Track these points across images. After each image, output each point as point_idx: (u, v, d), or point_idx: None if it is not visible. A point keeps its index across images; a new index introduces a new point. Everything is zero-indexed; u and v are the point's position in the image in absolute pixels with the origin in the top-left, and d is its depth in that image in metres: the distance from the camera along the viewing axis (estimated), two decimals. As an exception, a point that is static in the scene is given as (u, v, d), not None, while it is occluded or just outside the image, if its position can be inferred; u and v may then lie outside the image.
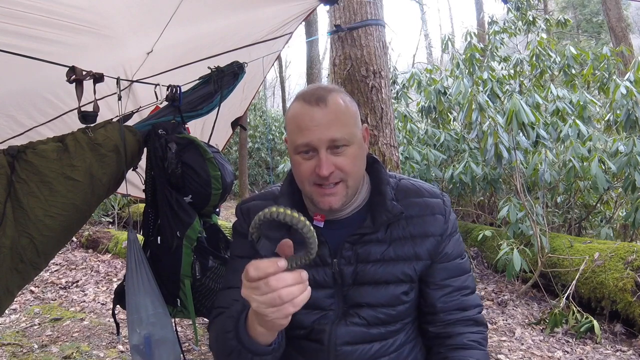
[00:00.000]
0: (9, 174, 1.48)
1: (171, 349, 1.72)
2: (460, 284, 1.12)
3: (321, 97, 1.02)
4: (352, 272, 1.07)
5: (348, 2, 3.21)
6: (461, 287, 1.12)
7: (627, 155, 4.07)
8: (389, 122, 3.26)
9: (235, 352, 0.91)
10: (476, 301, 1.15)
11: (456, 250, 1.13)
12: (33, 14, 1.38)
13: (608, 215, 5.13)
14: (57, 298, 4.37)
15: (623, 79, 4.69)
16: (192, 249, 1.75)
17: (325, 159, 0.99)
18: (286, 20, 2.26)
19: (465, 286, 1.13)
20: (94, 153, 1.60)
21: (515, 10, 6.64)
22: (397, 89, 6.51)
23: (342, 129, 1.01)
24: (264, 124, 13.62)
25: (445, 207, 1.12)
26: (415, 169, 5.31)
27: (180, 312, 1.84)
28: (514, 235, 4.18)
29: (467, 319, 1.12)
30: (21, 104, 2.05)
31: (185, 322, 3.55)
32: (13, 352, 3.15)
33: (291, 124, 1.05)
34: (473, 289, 1.16)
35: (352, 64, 3.19)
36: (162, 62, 2.17)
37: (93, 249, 5.85)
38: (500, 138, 4.12)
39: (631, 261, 3.40)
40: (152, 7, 1.67)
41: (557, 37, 10.64)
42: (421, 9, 22.25)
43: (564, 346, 3.18)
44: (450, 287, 1.11)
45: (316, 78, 10.00)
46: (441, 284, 1.11)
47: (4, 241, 1.47)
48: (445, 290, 1.11)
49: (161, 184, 1.73)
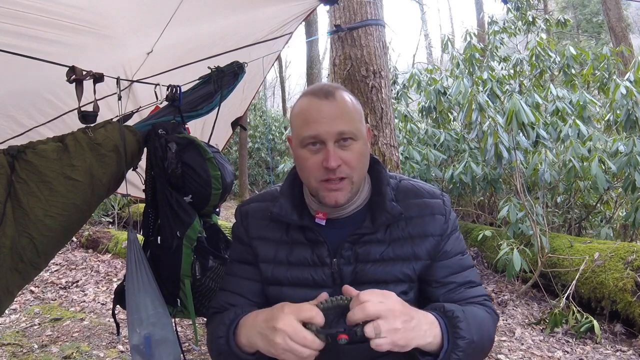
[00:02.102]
0: (9, 174, 1.48)
1: (171, 349, 1.72)
2: (463, 279, 1.11)
3: (329, 91, 1.03)
4: (351, 271, 1.07)
5: (348, 2, 3.21)
6: (464, 282, 1.11)
7: (627, 155, 4.07)
8: (389, 122, 3.26)
9: (224, 354, 1.03)
10: (481, 291, 1.13)
11: (456, 247, 1.13)
12: (33, 14, 1.38)
13: (608, 215, 5.13)
14: (57, 298, 4.38)
15: (623, 79, 4.69)
16: (192, 249, 1.75)
17: (332, 151, 0.99)
18: (286, 20, 2.26)
19: (469, 281, 1.12)
20: (94, 153, 1.60)
21: (515, 10, 6.65)
22: (397, 89, 6.52)
23: (350, 123, 1.01)
24: (264, 124, 13.62)
25: (445, 207, 1.12)
26: (415, 169, 5.31)
27: (181, 312, 1.84)
28: (514, 235, 4.19)
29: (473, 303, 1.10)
30: (21, 104, 2.05)
31: (185, 322, 3.56)
32: (13, 352, 3.15)
33: (298, 118, 1.05)
34: (478, 283, 1.14)
35: (352, 64, 3.19)
36: (162, 62, 2.17)
37: (93, 249, 5.85)
38: (500, 138, 4.12)
39: (631, 261, 3.40)
40: (152, 7, 1.67)
41: (557, 37, 10.65)
42: (421, 9, 22.27)
43: (564, 346, 3.18)
44: (454, 284, 1.10)
45: (316, 78, 10.00)
46: (443, 281, 1.10)
47: (4, 241, 1.46)
48: (449, 287, 1.10)
49: (161, 184, 1.73)
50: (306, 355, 0.88)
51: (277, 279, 1.11)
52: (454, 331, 0.95)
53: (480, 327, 1.01)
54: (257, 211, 1.17)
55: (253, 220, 1.17)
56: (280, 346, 0.88)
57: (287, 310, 0.91)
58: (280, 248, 1.11)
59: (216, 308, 1.17)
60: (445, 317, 0.98)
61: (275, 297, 1.11)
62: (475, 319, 1.01)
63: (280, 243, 1.12)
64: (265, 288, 1.15)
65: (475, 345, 0.97)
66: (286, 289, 1.10)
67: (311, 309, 0.90)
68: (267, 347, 0.93)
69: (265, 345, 0.93)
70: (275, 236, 1.13)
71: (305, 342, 0.87)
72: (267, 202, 1.16)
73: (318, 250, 1.08)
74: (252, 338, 0.97)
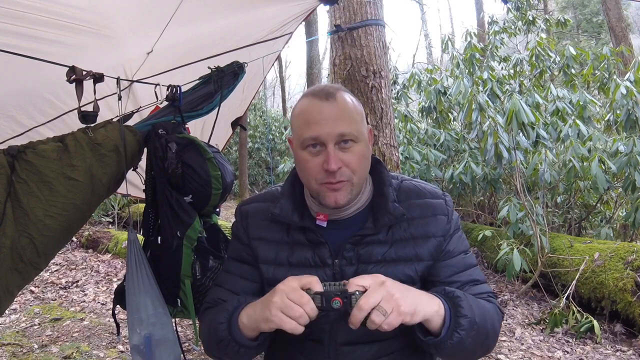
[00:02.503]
0: (9, 173, 1.48)
1: (171, 349, 1.71)
2: (467, 278, 1.11)
3: (330, 93, 1.02)
4: (353, 272, 1.07)
5: (348, 2, 3.21)
6: (468, 280, 1.11)
7: (627, 155, 4.07)
8: (389, 122, 3.26)
9: (224, 341, 1.01)
10: (486, 289, 1.13)
11: (459, 246, 1.12)
12: (33, 14, 1.38)
13: (608, 215, 5.13)
14: (57, 298, 4.38)
15: (623, 79, 4.69)
16: (192, 249, 1.75)
17: (333, 154, 0.99)
18: (286, 20, 2.26)
19: (473, 279, 1.12)
20: (94, 153, 1.60)
21: (515, 10, 6.65)
22: (397, 89, 6.52)
23: (351, 124, 1.01)
24: (264, 124, 13.62)
25: (447, 208, 1.11)
26: (415, 169, 5.31)
27: (181, 312, 1.84)
28: (514, 235, 4.19)
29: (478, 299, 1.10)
30: (21, 104, 2.05)
31: (186, 322, 3.56)
32: (13, 352, 3.15)
33: (298, 119, 1.04)
34: (482, 280, 1.13)
35: (352, 64, 3.19)
36: (162, 62, 2.17)
37: (93, 249, 5.85)
38: (500, 138, 4.12)
39: (631, 261, 3.40)
40: (152, 7, 1.67)
41: (557, 37, 10.64)
42: (421, 9, 22.27)
43: (564, 346, 3.18)
44: (458, 283, 1.10)
45: (316, 78, 10.00)
46: (447, 281, 1.10)
47: (4, 241, 1.46)
48: (454, 286, 1.09)
49: (161, 184, 1.73)
50: (298, 314, 0.89)
51: (278, 279, 1.10)
52: (456, 310, 0.95)
53: (482, 311, 1.01)
54: (258, 212, 1.17)
55: (253, 220, 1.16)
56: (276, 305, 0.90)
57: (289, 277, 0.95)
58: (281, 249, 1.11)
59: (210, 303, 1.17)
60: (447, 297, 0.98)
61: None
62: (477, 303, 1.01)
63: (281, 244, 1.11)
64: (266, 288, 1.15)
65: (478, 327, 0.96)
66: None
67: (311, 276, 0.94)
68: (264, 310, 0.94)
69: (262, 309, 0.94)
70: (275, 237, 1.12)
71: (301, 300, 0.89)
72: (268, 202, 1.16)
73: (319, 251, 1.08)
74: (252, 313, 0.98)
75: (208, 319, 1.12)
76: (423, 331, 0.97)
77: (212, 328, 1.05)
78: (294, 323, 0.89)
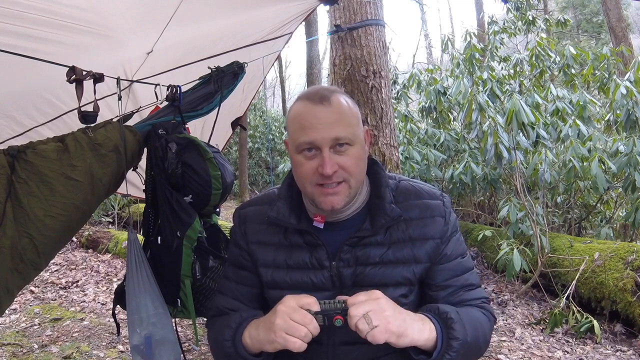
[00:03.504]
0: (9, 174, 1.48)
1: (171, 349, 1.71)
2: (463, 282, 1.11)
3: (325, 96, 1.01)
4: (351, 274, 1.07)
5: (348, 2, 3.21)
6: (464, 285, 1.11)
7: (627, 155, 4.07)
8: (389, 122, 3.26)
9: (232, 356, 1.06)
10: (480, 294, 1.13)
11: (457, 249, 1.12)
12: (33, 14, 1.38)
13: (608, 215, 5.13)
14: (57, 298, 4.38)
15: (623, 79, 4.69)
16: (192, 249, 1.75)
17: (328, 158, 0.98)
18: (286, 20, 2.26)
19: (469, 284, 1.12)
20: (94, 153, 1.60)
21: (515, 10, 6.65)
22: (397, 89, 6.51)
23: (346, 128, 1.00)
24: (264, 124, 13.62)
25: (445, 209, 1.11)
26: (415, 169, 5.31)
27: (181, 312, 1.84)
28: (514, 235, 4.19)
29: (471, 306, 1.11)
30: (21, 104, 2.05)
31: (186, 322, 3.56)
32: (13, 352, 3.15)
33: (294, 123, 1.04)
34: (477, 285, 1.14)
35: (352, 64, 3.19)
36: (162, 62, 2.17)
37: (93, 249, 5.85)
38: (500, 138, 4.12)
39: (631, 261, 3.40)
40: (152, 7, 1.66)
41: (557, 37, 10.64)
42: (421, 9, 22.26)
43: (564, 346, 3.18)
44: (453, 287, 1.10)
45: (316, 78, 9.99)
46: (443, 285, 1.10)
47: (4, 241, 1.46)
48: (448, 290, 1.10)
49: (161, 184, 1.73)
50: (303, 334, 0.91)
51: (277, 282, 1.11)
52: (448, 332, 0.97)
53: (475, 328, 1.02)
54: (255, 215, 1.17)
55: (251, 225, 1.17)
56: (279, 326, 0.93)
57: (287, 298, 0.98)
58: (279, 252, 1.11)
59: (214, 311, 1.20)
60: (440, 318, 0.99)
61: (275, 300, 1.10)
62: (471, 320, 1.02)
63: (279, 247, 1.11)
64: (265, 292, 1.15)
65: (468, 346, 0.98)
66: (286, 293, 1.09)
67: (309, 296, 0.97)
68: (267, 333, 0.96)
69: (266, 331, 0.97)
70: (273, 240, 1.12)
71: (304, 320, 0.92)
72: (265, 205, 1.16)
73: (317, 253, 1.08)
74: (255, 335, 1.01)
75: (214, 331, 1.15)
76: (415, 349, 0.99)
77: (218, 342, 1.09)
78: (298, 342, 0.92)
